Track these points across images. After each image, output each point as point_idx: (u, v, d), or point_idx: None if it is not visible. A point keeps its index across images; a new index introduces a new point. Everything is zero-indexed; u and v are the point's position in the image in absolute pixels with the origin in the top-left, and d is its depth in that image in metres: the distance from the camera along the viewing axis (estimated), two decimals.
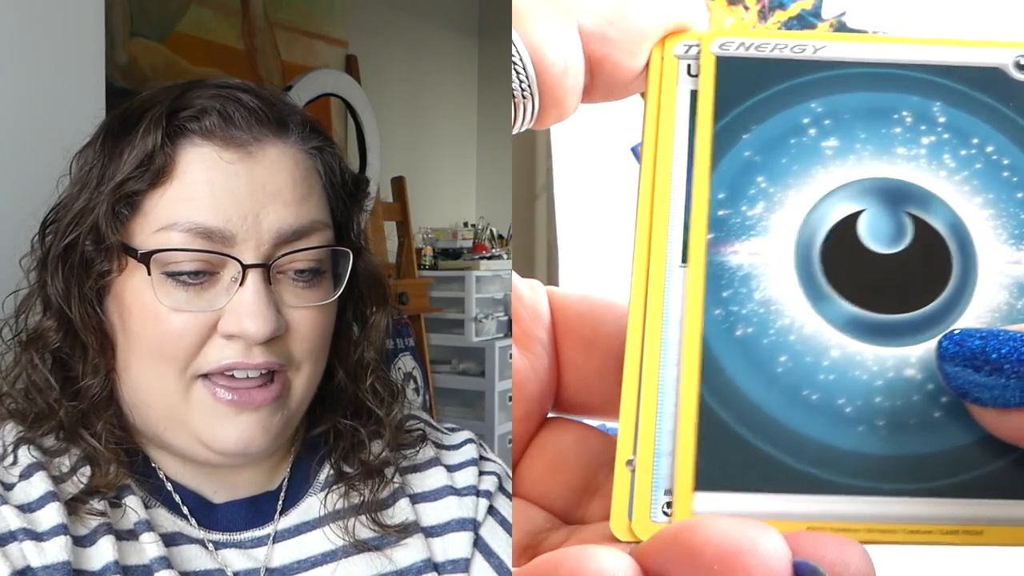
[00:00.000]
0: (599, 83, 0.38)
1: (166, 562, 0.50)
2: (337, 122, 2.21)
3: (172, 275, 0.49)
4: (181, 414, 0.50)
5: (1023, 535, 0.32)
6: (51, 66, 0.88)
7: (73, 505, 0.49)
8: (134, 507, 0.51)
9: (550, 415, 0.41)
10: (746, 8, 0.95)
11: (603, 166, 0.97)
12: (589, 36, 0.37)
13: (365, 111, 2.28)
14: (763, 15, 0.96)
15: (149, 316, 0.49)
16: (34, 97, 0.87)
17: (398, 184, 2.34)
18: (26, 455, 0.51)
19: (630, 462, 0.34)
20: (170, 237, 0.49)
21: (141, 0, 1.87)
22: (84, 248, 0.51)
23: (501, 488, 0.59)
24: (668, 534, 0.29)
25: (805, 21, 0.96)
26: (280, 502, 0.56)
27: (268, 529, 0.55)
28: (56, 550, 0.46)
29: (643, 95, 0.39)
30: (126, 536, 0.50)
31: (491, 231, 3.04)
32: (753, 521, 0.29)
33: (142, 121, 0.50)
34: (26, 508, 0.48)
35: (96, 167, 0.51)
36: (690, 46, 0.39)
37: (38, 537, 0.47)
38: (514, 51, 0.36)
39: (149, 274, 0.49)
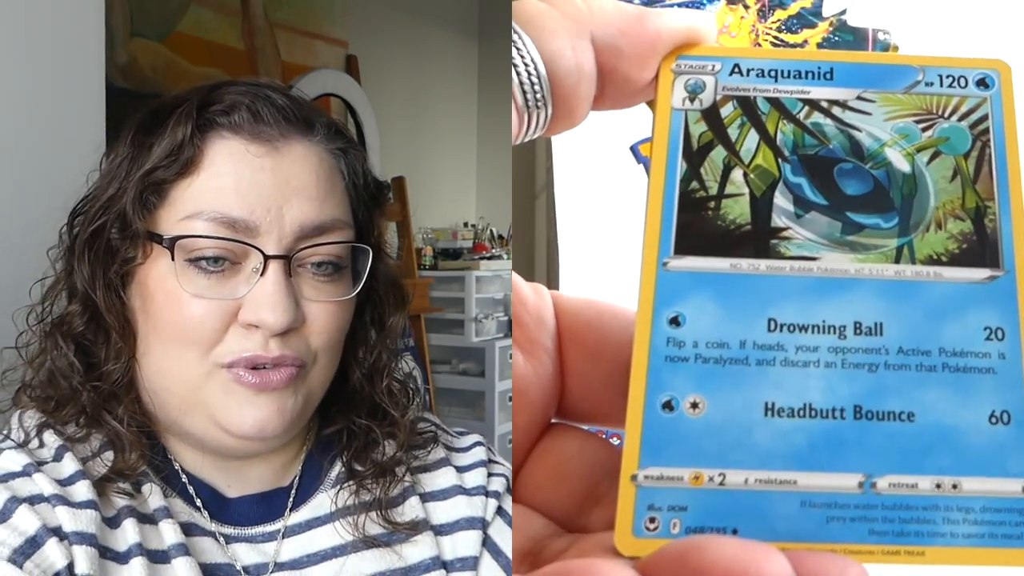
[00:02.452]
0: (609, 93, 0.38)
1: (184, 548, 0.50)
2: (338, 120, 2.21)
3: (195, 262, 0.50)
4: (200, 398, 0.51)
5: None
6: (51, 66, 0.88)
7: (100, 486, 0.50)
8: (154, 494, 0.52)
9: (552, 420, 0.40)
10: (746, 7, 0.95)
11: (603, 166, 0.97)
12: (601, 47, 0.37)
13: (365, 111, 2.28)
14: (763, 14, 0.95)
15: (172, 302, 0.50)
16: (34, 97, 0.87)
17: (398, 184, 2.34)
18: (52, 438, 0.52)
19: (635, 476, 0.34)
20: (195, 225, 0.50)
21: (141, 0, 1.87)
22: (110, 235, 0.52)
23: (509, 490, 0.60)
24: (674, 552, 0.29)
25: (805, 20, 0.96)
26: (291, 498, 0.57)
27: (279, 524, 0.56)
28: (88, 520, 0.47)
29: (650, 105, 0.39)
30: (146, 520, 0.51)
31: (491, 231, 3.04)
32: (759, 543, 0.29)
33: (173, 115, 0.51)
34: (59, 483, 0.49)
35: (125, 159, 0.53)
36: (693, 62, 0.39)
37: (71, 504, 0.48)
38: (521, 60, 0.36)
39: (173, 259, 0.50)
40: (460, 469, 0.60)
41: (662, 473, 0.34)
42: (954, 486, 0.33)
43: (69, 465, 0.50)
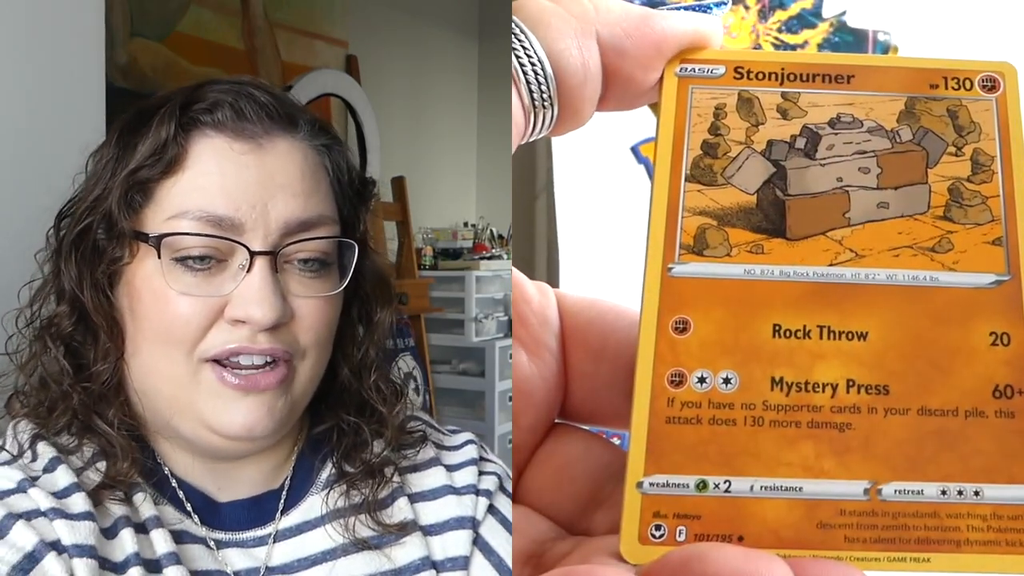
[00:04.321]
0: (613, 93, 0.38)
1: (175, 557, 0.50)
2: (337, 122, 2.21)
3: (181, 260, 0.50)
4: (188, 398, 0.51)
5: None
6: (51, 66, 0.88)
7: (96, 495, 0.50)
8: (145, 502, 0.51)
9: (555, 420, 0.40)
10: (746, 8, 0.95)
11: (603, 166, 0.97)
12: (606, 47, 0.37)
13: (365, 111, 2.28)
14: (763, 15, 0.96)
15: (158, 300, 0.50)
16: (35, 97, 0.87)
17: (398, 184, 2.33)
18: (45, 450, 0.52)
19: (640, 484, 0.34)
20: (181, 224, 0.50)
21: (141, 0, 1.87)
22: (97, 235, 0.52)
23: (501, 488, 0.59)
24: (676, 560, 0.29)
25: (805, 20, 0.96)
26: (282, 501, 0.57)
27: (270, 528, 0.56)
28: (86, 532, 0.47)
29: (653, 108, 0.39)
30: (140, 530, 0.50)
31: (491, 231, 3.04)
32: (761, 552, 0.28)
33: (156, 114, 0.51)
34: (55, 495, 0.49)
35: (111, 160, 0.53)
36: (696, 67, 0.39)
37: (69, 517, 0.47)
38: (528, 59, 0.36)
39: (160, 258, 0.50)
40: (450, 468, 0.60)
41: None
42: None
43: (63, 477, 0.50)
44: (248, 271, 0.50)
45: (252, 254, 0.50)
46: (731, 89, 0.39)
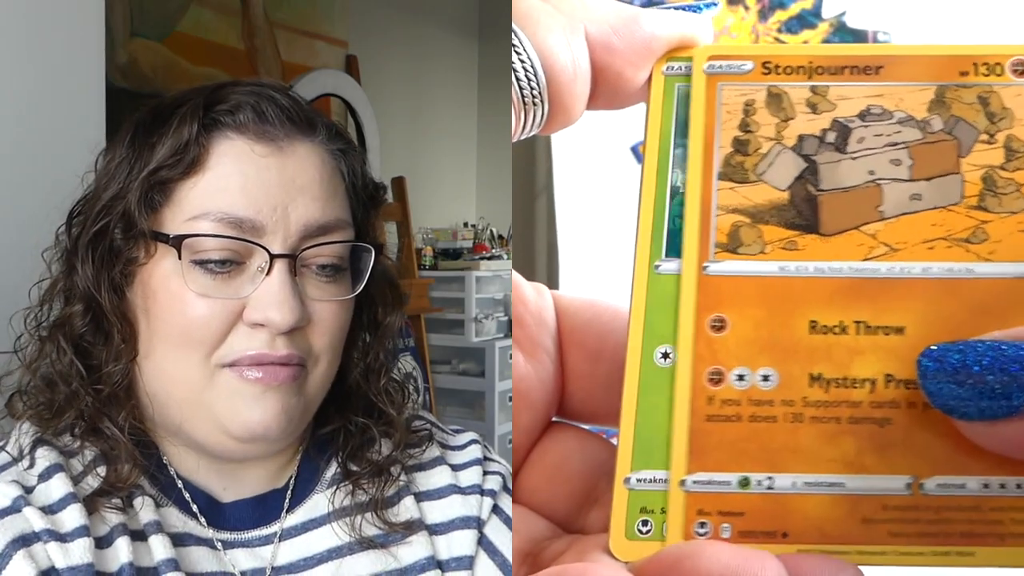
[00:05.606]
0: (602, 91, 0.38)
1: (174, 564, 0.50)
2: (337, 122, 2.21)
3: (201, 263, 0.50)
4: (203, 400, 0.51)
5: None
6: (51, 66, 0.89)
7: (91, 504, 0.49)
8: (145, 507, 0.51)
9: (553, 419, 0.40)
10: (746, 8, 0.95)
11: (603, 166, 0.97)
12: (595, 44, 0.37)
13: (365, 111, 2.28)
14: (763, 15, 0.96)
15: (176, 302, 0.50)
16: (35, 97, 0.87)
17: (398, 184, 2.34)
18: (44, 456, 0.51)
19: (628, 479, 0.34)
20: (201, 226, 0.50)
21: (141, 0, 1.87)
22: (114, 235, 0.52)
23: (505, 488, 0.60)
24: (669, 558, 0.29)
25: (805, 21, 0.96)
26: (287, 500, 0.57)
27: (275, 527, 0.56)
28: (80, 551, 0.47)
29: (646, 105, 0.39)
30: (137, 536, 0.50)
31: (491, 231, 3.04)
32: (754, 549, 0.29)
33: (176, 114, 0.51)
34: (48, 510, 0.48)
35: (126, 159, 0.52)
36: (682, 64, 0.39)
37: (62, 538, 0.47)
38: (518, 57, 0.36)
39: (180, 259, 0.50)
40: (455, 468, 0.60)
41: None
42: None
43: (58, 487, 0.49)
44: (267, 274, 0.50)
45: (272, 257, 0.50)
46: (760, 85, 0.39)
